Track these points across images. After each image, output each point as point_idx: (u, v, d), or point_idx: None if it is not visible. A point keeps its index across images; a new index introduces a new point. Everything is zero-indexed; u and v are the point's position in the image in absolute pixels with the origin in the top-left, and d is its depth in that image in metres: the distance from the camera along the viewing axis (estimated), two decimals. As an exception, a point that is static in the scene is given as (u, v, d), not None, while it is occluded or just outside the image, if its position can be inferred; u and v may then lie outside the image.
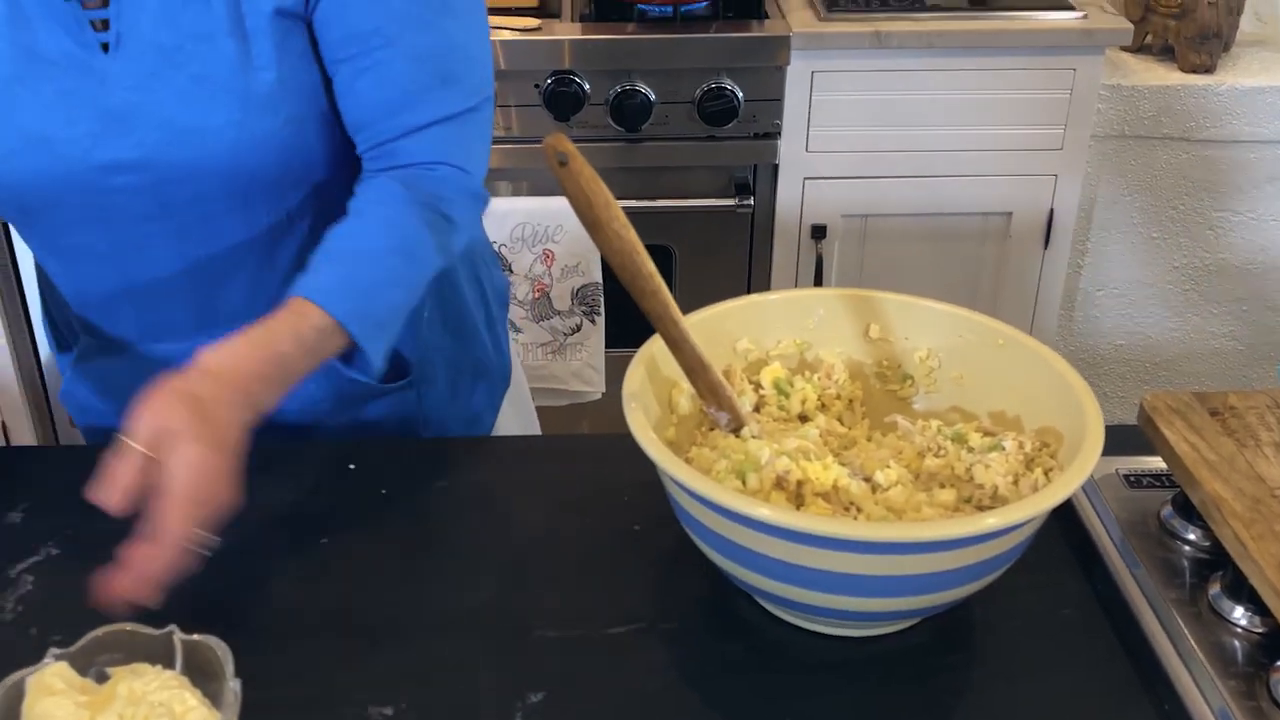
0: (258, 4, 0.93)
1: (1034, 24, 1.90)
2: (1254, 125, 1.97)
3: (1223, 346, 2.18)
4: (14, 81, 0.92)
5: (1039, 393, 0.88)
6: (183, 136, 0.93)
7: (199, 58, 0.93)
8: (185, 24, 0.92)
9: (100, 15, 0.92)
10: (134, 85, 0.93)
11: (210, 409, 0.80)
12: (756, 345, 0.95)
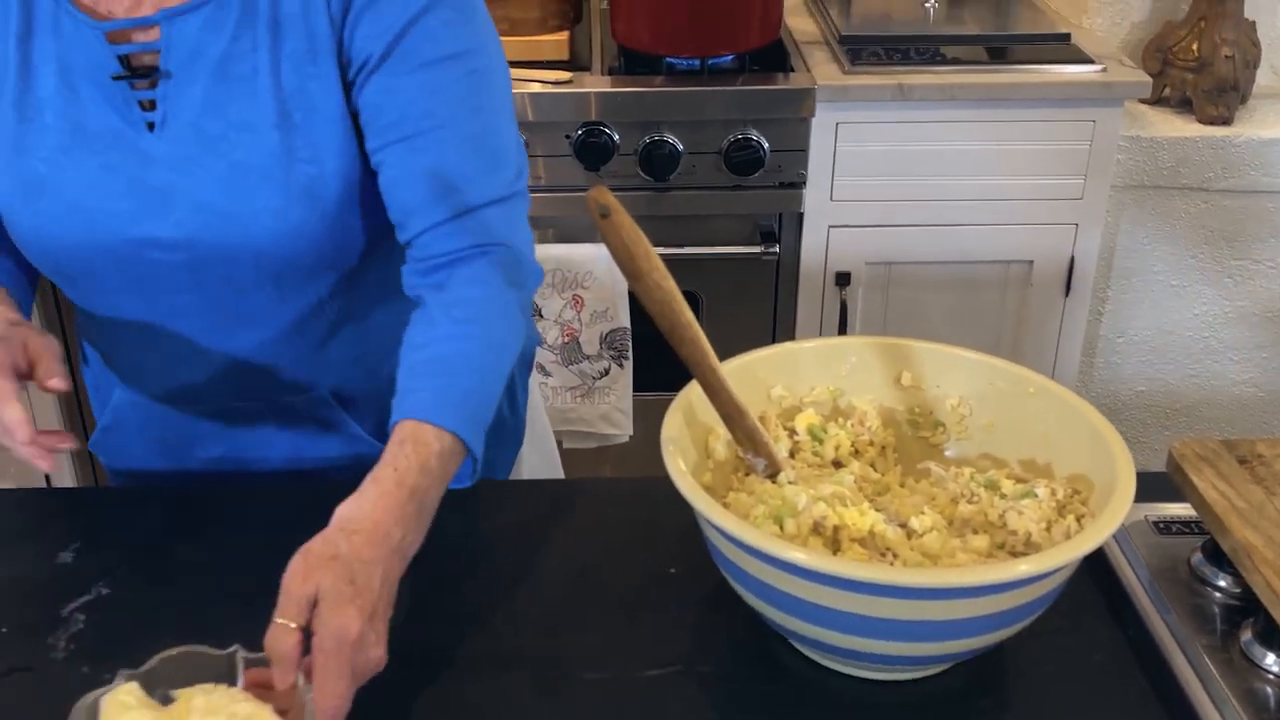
0: (305, 99, 0.94)
1: (1054, 77, 1.92)
2: (1271, 176, 1.98)
3: (1243, 393, 2.17)
4: (60, 152, 0.94)
5: (1069, 440, 0.88)
6: (221, 220, 0.94)
7: (242, 146, 0.94)
8: (231, 113, 0.94)
9: (148, 96, 0.94)
10: (175, 166, 0.94)
11: (355, 570, 0.77)
12: (790, 392, 0.96)
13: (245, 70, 0.94)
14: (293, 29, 0.94)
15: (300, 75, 0.94)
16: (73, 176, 0.95)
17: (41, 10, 0.94)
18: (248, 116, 0.94)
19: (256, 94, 0.94)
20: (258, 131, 0.94)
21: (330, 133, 0.95)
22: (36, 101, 0.94)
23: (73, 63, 0.94)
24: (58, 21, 0.94)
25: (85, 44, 0.93)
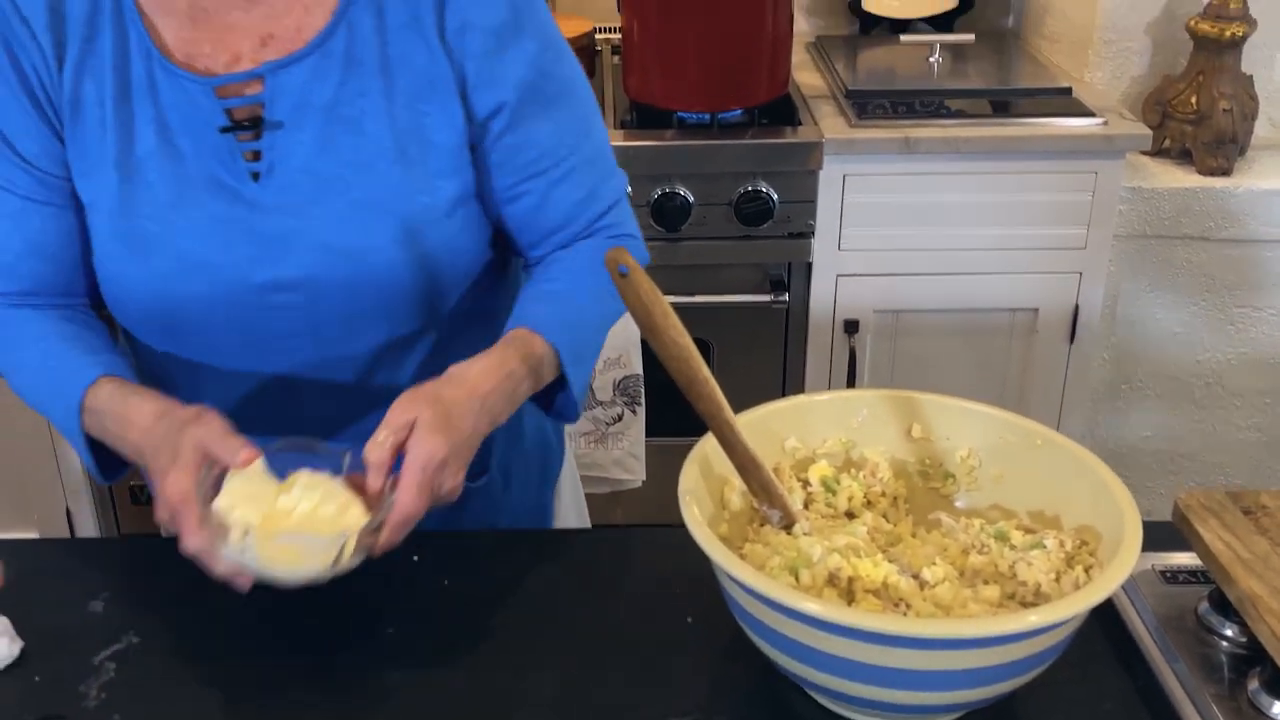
0: (421, 134, 0.97)
1: (1056, 130, 1.94)
2: (1270, 226, 1.99)
3: (1247, 438, 2.17)
4: (168, 208, 0.96)
5: (1077, 492, 0.89)
6: (341, 257, 0.96)
7: (359, 185, 0.97)
8: (344, 153, 0.97)
9: (252, 147, 0.96)
10: (289, 211, 0.96)
11: (452, 410, 0.89)
12: (804, 444, 0.97)
13: (354, 113, 0.97)
14: (404, 69, 0.97)
15: (414, 112, 0.98)
16: (184, 230, 0.96)
17: (136, 71, 0.96)
18: (362, 156, 0.97)
19: (369, 134, 0.97)
20: (375, 169, 0.97)
21: (446, 164, 1.00)
22: (137, 160, 0.96)
23: (172, 119, 0.96)
24: (153, 80, 0.96)
25: (188, 100, 0.96)
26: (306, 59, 0.96)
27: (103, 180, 0.97)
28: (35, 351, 1.00)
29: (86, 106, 0.96)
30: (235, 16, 0.97)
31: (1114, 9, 2.07)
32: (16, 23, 0.95)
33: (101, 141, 0.96)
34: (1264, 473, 2.21)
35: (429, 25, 0.97)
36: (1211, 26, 1.96)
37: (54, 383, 0.98)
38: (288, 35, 0.97)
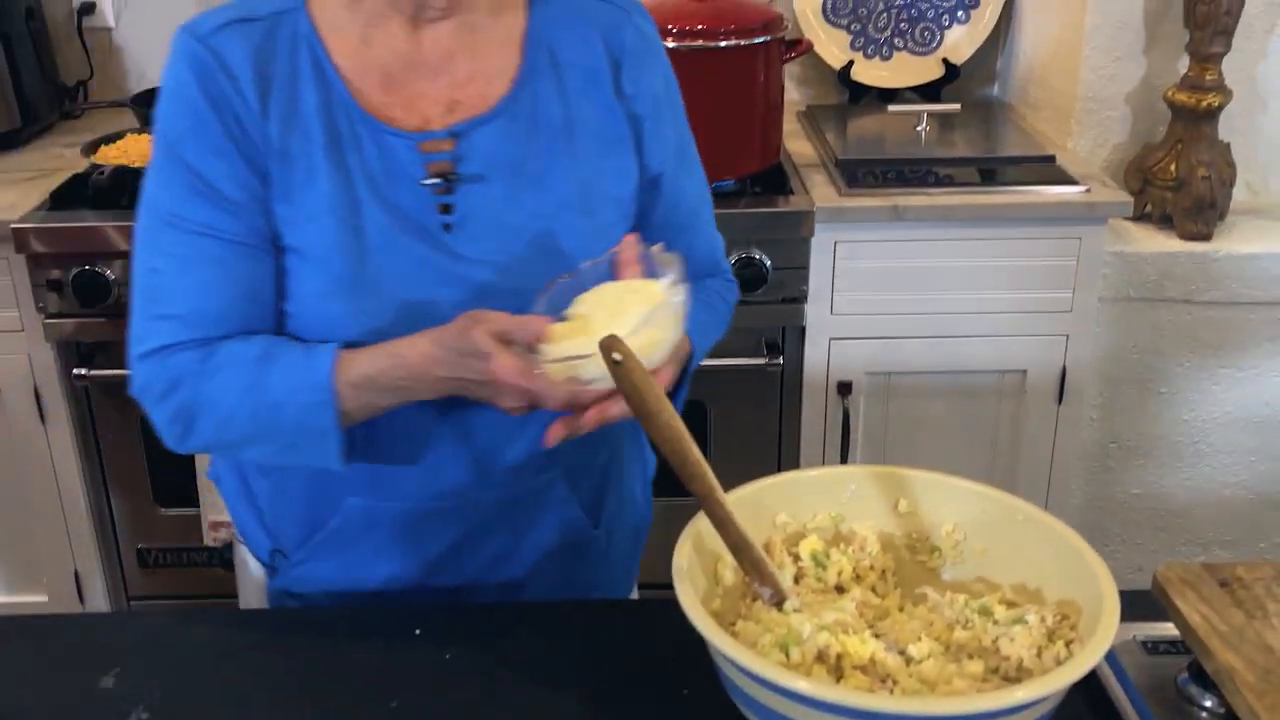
0: (599, 188, 1.05)
1: (1041, 198, 1.98)
2: (1251, 289, 2.02)
3: (1234, 495, 2.19)
4: (379, 252, 1.01)
5: (1057, 566, 0.91)
6: (530, 302, 0.98)
7: (548, 235, 1.03)
8: (530, 206, 1.04)
9: (445, 200, 1.02)
10: (480, 258, 1.02)
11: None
12: (794, 518, 0.99)
13: (539, 168, 1.04)
14: (584, 129, 1.06)
15: (593, 169, 1.06)
16: (391, 275, 1.01)
17: (341, 125, 1.02)
18: (547, 208, 1.04)
19: (552, 188, 1.04)
20: (559, 219, 1.04)
21: (620, 215, 1.08)
22: (347, 208, 1.01)
23: (376, 171, 1.02)
24: (356, 134, 1.02)
25: (390, 153, 1.02)
26: (494, 121, 1.04)
27: (315, 227, 1.01)
28: (251, 360, 1.01)
29: (295, 157, 1.01)
30: (422, 85, 1.04)
31: (1094, 80, 2.12)
32: (223, 78, 0.99)
33: (311, 190, 1.01)
34: (1253, 530, 2.22)
35: (606, 86, 1.07)
36: (1188, 97, 2.00)
37: (287, 375, 0.99)
38: (472, 102, 1.05)
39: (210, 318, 1.01)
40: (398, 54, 1.04)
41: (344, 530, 1.11)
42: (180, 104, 1.01)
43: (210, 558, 2.14)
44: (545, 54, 1.07)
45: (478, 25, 1.05)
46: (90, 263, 1.92)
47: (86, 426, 2.07)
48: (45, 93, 2.37)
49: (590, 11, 1.09)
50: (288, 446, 1.01)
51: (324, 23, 1.03)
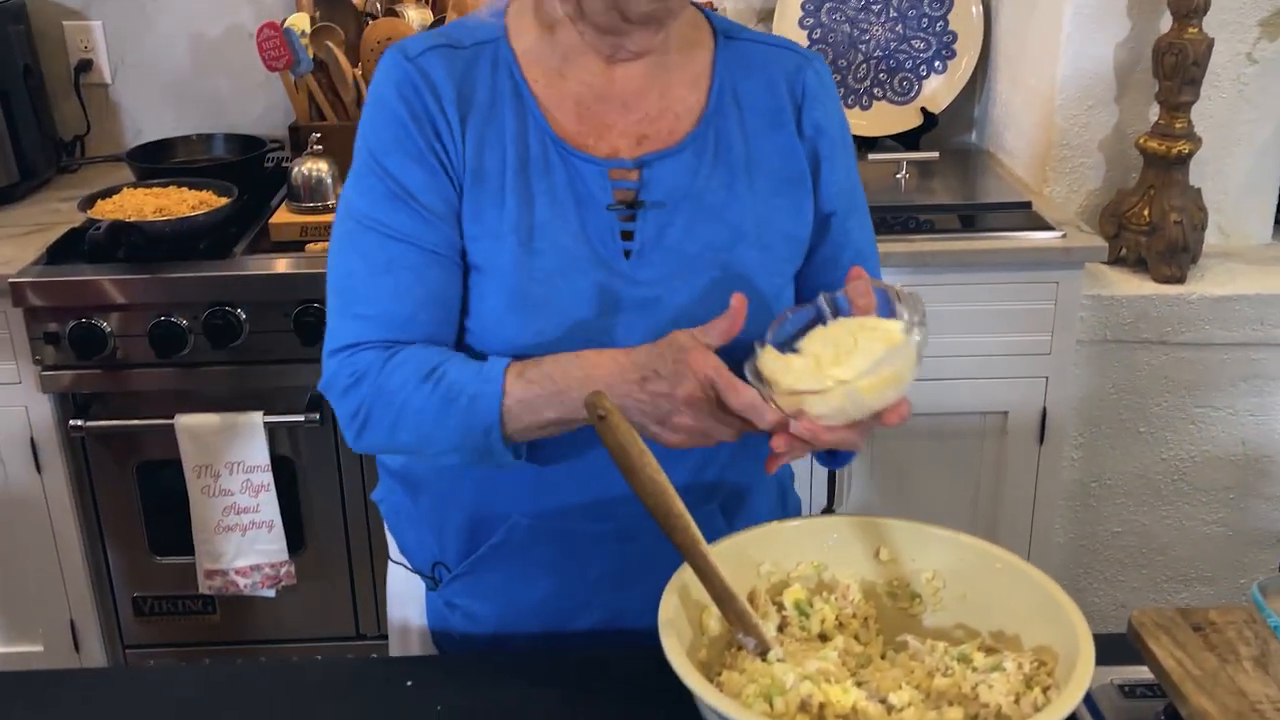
0: (773, 224, 1.08)
1: (1018, 243, 2.00)
2: (1225, 330, 2.05)
3: (1213, 533, 2.20)
4: (557, 275, 1.03)
5: (1034, 613, 0.93)
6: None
7: (720, 264, 1.06)
8: (707, 237, 1.06)
9: (627, 227, 1.05)
10: (657, 283, 1.05)
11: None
12: (777, 568, 1.00)
13: (717, 201, 1.07)
14: (763, 167, 1.09)
15: (770, 206, 1.09)
16: (568, 296, 1.04)
17: (534, 149, 1.05)
18: (723, 240, 1.07)
19: (729, 221, 1.07)
20: (734, 251, 1.07)
21: (791, 252, 1.11)
22: (531, 229, 1.04)
23: (563, 195, 1.05)
24: (548, 159, 1.05)
25: (580, 179, 1.05)
26: (679, 155, 1.07)
27: (500, 245, 1.04)
28: (429, 359, 1.03)
29: (488, 177, 1.05)
30: (614, 118, 1.08)
31: (1068, 127, 2.15)
32: (428, 95, 1.04)
33: (500, 209, 1.04)
34: (1234, 567, 2.23)
35: (787, 126, 1.11)
36: (1159, 144, 2.04)
37: (462, 370, 1.01)
38: (660, 136, 1.08)
39: (399, 320, 1.04)
40: (592, 88, 1.08)
41: (507, 545, 1.13)
42: (386, 115, 1.05)
43: (206, 605, 2.14)
44: (730, 94, 1.11)
45: (668, 65, 1.10)
46: (87, 315, 1.93)
47: (83, 477, 2.07)
48: (43, 148, 2.40)
49: (773, 56, 1.14)
50: (455, 447, 1.02)
51: (523, 52, 1.08)
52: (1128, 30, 2.08)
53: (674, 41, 1.10)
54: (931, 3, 2.41)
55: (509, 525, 1.12)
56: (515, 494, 1.10)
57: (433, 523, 1.17)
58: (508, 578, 1.14)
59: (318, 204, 2.06)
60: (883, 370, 0.89)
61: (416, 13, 2.26)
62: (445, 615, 1.18)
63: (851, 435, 0.93)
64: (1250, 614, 0.98)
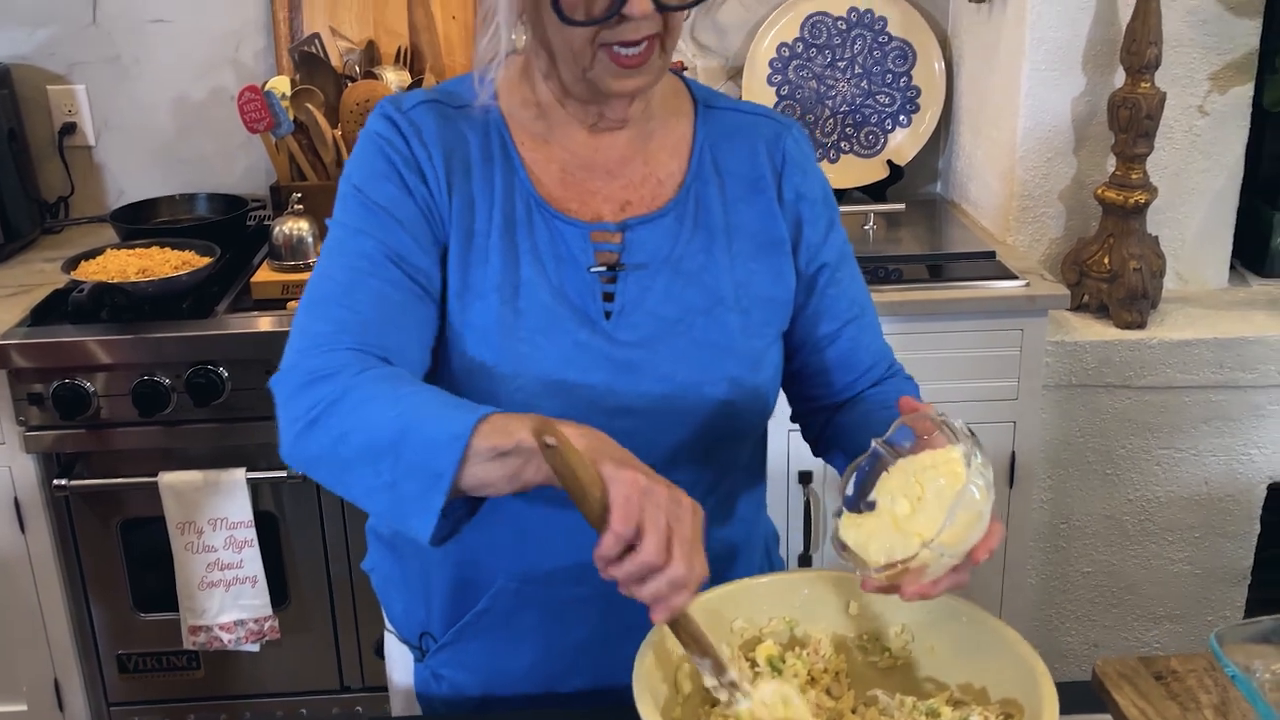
0: (753, 288, 1.09)
1: (985, 292, 2.03)
2: (1185, 373, 2.08)
3: (1181, 571, 2.22)
4: (539, 333, 1.04)
5: (1000, 666, 0.94)
6: (680, 389, 1.05)
7: (699, 327, 1.07)
8: (686, 300, 1.07)
9: (609, 289, 1.06)
10: (636, 344, 1.05)
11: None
12: (750, 624, 1.01)
13: (696, 266, 1.08)
14: (741, 232, 1.11)
15: (747, 270, 1.10)
16: (550, 354, 1.04)
17: (519, 210, 1.06)
18: (702, 303, 1.08)
19: (708, 285, 1.08)
20: (712, 315, 1.08)
21: (772, 315, 1.12)
22: (515, 288, 1.04)
23: (546, 256, 1.05)
24: (532, 220, 1.06)
25: (563, 241, 1.06)
26: (661, 220, 1.09)
27: (485, 304, 1.04)
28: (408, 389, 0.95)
29: (475, 235, 1.06)
30: (598, 185, 1.10)
31: (1029, 179, 2.19)
32: (418, 144, 1.06)
33: (485, 267, 1.05)
34: (1201, 604, 2.25)
35: (767, 192, 1.13)
36: (1117, 194, 2.08)
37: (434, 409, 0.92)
38: (643, 202, 1.10)
39: (374, 327, 0.99)
40: (576, 156, 1.10)
41: (492, 611, 1.13)
42: (376, 152, 1.06)
43: (190, 661, 2.12)
44: (709, 161, 1.13)
45: (650, 132, 1.12)
46: (70, 376, 1.93)
47: (66, 535, 2.06)
48: (27, 209, 2.40)
49: (752, 124, 1.16)
50: (388, 486, 0.91)
51: (511, 115, 1.10)
52: (1083, 85, 2.13)
53: (655, 110, 1.12)
54: (895, 59, 2.45)
55: (494, 592, 1.12)
56: (499, 557, 1.10)
57: (419, 589, 1.17)
58: (493, 645, 1.14)
59: (299, 262, 2.08)
60: (959, 516, 0.87)
61: (394, 75, 2.29)
62: (431, 685, 1.18)
63: (957, 578, 0.90)
64: (1210, 662, 1.00)
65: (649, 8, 0.97)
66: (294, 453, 0.98)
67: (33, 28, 2.43)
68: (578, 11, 0.98)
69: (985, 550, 0.89)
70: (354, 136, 2.17)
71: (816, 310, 1.15)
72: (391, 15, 2.39)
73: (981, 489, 0.89)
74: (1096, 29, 2.09)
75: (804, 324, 1.16)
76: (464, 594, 1.13)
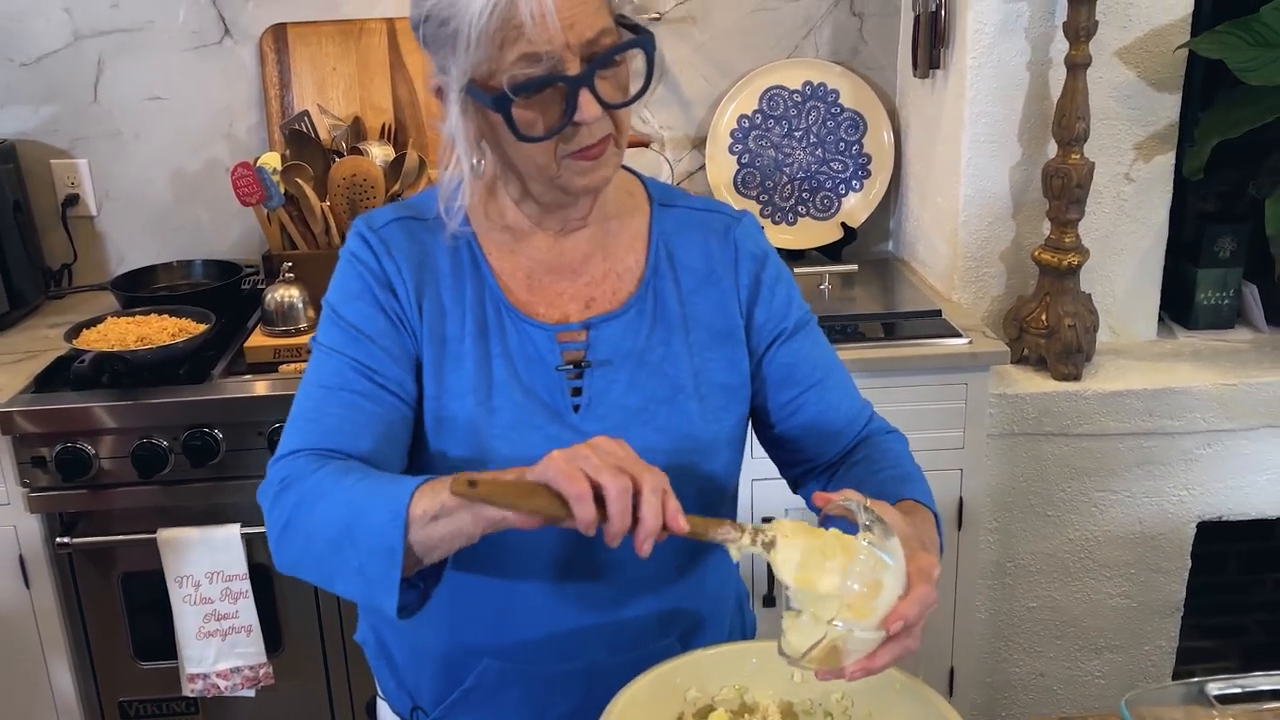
0: (708, 375, 1.11)
1: (933, 349, 2.08)
2: (1119, 421, 2.13)
3: (1119, 605, 2.27)
4: (512, 429, 1.07)
5: (930, 731, 0.97)
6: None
7: (662, 415, 1.09)
8: (648, 390, 1.10)
9: (575, 384, 1.09)
10: (603, 434, 1.02)
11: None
12: (703, 693, 1.04)
13: (657, 358, 1.11)
14: (697, 324, 1.13)
15: (704, 359, 1.12)
16: (524, 449, 1.06)
17: (490, 316, 1.09)
18: (663, 392, 1.10)
19: (669, 375, 1.10)
20: (674, 403, 1.10)
21: (728, 401, 1.13)
22: (489, 389, 1.07)
23: (517, 357, 1.08)
24: (503, 324, 1.09)
25: (531, 342, 1.09)
26: (623, 316, 1.11)
27: (461, 404, 1.07)
28: (348, 472, 0.99)
29: (449, 341, 1.08)
30: (562, 286, 1.12)
31: (971, 241, 2.25)
32: (388, 261, 1.09)
33: (460, 371, 1.08)
34: (1138, 635, 2.30)
35: (721, 282, 1.15)
36: (1052, 256, 2.13)
37: (373, 490, 0.95)
38: (605, 299, 1.13)
39: (344, 435, 1.04)
40: (542, 263, 1.13)
41: (479, 689, 1.14)
42: (350, 273, 1.10)
43: (189, 707, 2.14)
44: (665, 255, 1.15)
45: (609, 230, 1.15)
46: (72, 440, 1.96)
47: (69, 589, 2.07)
48: (31, 277, 2.43)
49: (704, 220, 1.18)
50: (356, 571, 0.95)
51: (479, 229, 1.13)
52: (1019, 156, 2.19)
53: (611, 209, 1.15)
54: (847, 129, 2.51)
55: (480, 670, 1.14)
56: (483, 637, 1.12)
57: (409, 667, 1.19)
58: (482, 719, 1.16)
59: (290, 327, 2.10)
60: (854, 587, 0.88)
61: (379, 149, 2.33)
62: None
63: (901, 645, 0.89)
64: None
65: (597, 110, 1.00)
66: (279, 561, 1.03)
67: (37, 105, 2.46)
68: (535, 128, 1.00)
69: (897, 618, 0.87)
70: (341, 208, 2.22)
71: (778, 379, 1.17)
72: (376, 92, 2.44)
73: (878, 557, 0.89)
74: (1030, 105, 2.15)
75: (769, 392, 1.17)
76: (451, 673, 1.15)
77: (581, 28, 0.97)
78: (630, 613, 1.13)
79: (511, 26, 0.96)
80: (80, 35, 2.43)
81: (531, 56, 0.97)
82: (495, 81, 0.98)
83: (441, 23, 0.99)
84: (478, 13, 0.95)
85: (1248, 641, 2.68)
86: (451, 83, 1.01)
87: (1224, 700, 0.99)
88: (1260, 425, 2.15)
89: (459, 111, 1.03)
